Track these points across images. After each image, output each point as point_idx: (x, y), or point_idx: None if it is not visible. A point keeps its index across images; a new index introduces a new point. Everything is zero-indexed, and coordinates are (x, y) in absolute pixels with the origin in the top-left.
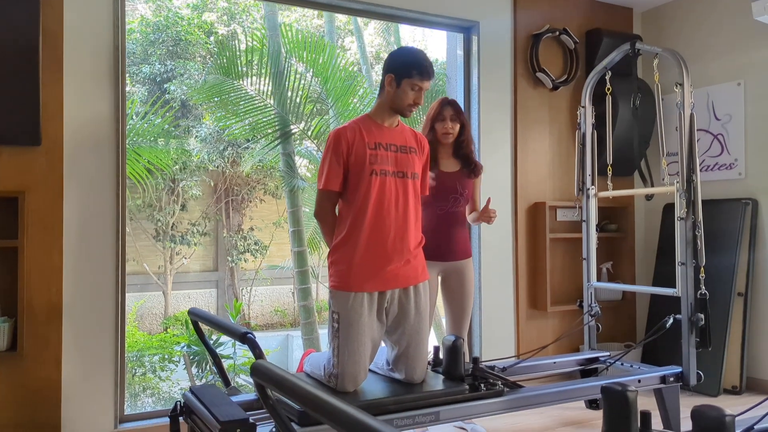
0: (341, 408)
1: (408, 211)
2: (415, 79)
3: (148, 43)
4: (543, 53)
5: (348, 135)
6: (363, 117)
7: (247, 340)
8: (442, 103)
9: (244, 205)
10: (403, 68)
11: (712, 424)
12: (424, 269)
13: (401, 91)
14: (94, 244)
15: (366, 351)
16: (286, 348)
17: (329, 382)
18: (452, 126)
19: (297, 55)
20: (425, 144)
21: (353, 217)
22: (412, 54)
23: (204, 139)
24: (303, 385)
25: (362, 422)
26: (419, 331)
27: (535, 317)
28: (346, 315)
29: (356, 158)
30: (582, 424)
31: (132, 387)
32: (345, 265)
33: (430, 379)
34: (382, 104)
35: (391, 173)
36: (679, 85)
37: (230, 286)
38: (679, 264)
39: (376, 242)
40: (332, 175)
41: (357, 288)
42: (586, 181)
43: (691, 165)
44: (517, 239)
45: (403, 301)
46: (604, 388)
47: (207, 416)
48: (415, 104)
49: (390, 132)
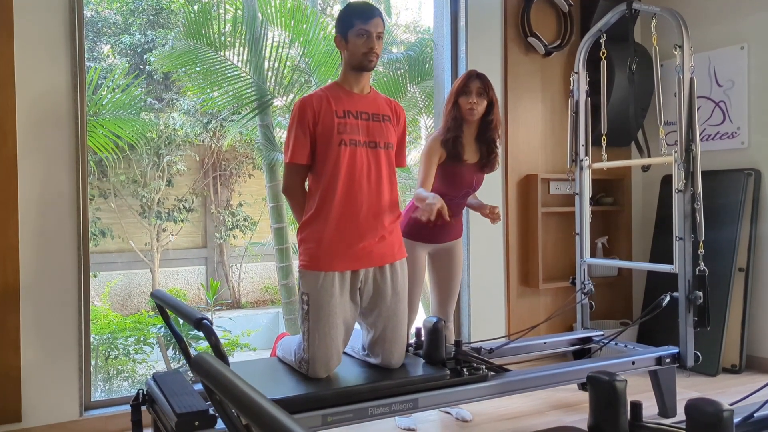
0: (275, 416)
1: (381, 183)
2: (358, 25)
3: (128, 12)
4: (535, 17)
5: (314, 103)
6: (331, 84)
7: (202, 326)
8: (468, 75)
9: (233, 180)
10: (343, 23)
11: (709, 420)
12: (401, 246)
13: (351, 44)
14: (53, 220)
15: (338, 334)
16: (276, 326)
17: (300, 368)
18: (478, 101)
19: (275, 22)
20: (401, 112)
21: (322, 191)
22: (351, 5)
23: (187, 112)
24: (238, 385)
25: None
26: (396, 313)
27: (527, 295)
28: (316, 296)
29: (323, 128)
30: (573, 407)
31: (106, 370)
32: (314, 242)
33: (409, 364)
34: (344, 69)
35: (362, 143)
36: (678, 48)
37: (220, 263)
38: (677, 239)
39: (347, 218)
40: (298, 147)
41: (327, 267)
42: (579, 152)
43: (690, 133)
44: (508, 214)
45: (378, 281)
46: (590, 376)
47: (165, 406)
48: (370, 51)
49: (361, 99)
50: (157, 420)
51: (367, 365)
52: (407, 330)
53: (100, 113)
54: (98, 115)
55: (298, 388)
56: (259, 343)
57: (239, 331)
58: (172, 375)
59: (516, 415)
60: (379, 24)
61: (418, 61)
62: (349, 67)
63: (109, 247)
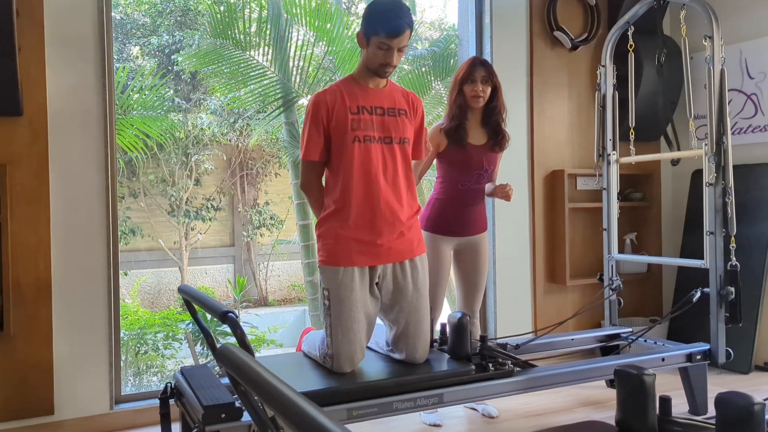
0: (298, 404)
1: (398, 179)
2: (381, 37)
3: (156, 13)
4: (561, 10)
5: (327, 100)
6: (346, 78)
7: (228, 319)
8: (472, 63)
9: (259, 179)
10: (371, 24)
11: (739, 414)
12: (420, 242)
13: (371, 50)
14: (84, 218)
15: (361, 328)
16: (303, 323)
17: (325, 363)
18: (483, 89)
19: (300, 21)
20: (418, 105)
21: (339, 188)
22: (383, 8)
23: (214, 112)
24: (262, 374)
25: (318, 422)
26: (418, 309)
27: (553, 291)
28: (337, 291)
29: (337, 124)
30: (601, 405)
31: (136, 365)
32: (332, 239)
33: (434, 359)
34: (361, 65)
35: (376, 139)
36: (708, 38)
37: (247, 261)
38: (708, 233)
39: (364, 214)
40: (312, 145)
41: (345, 262)
42: (606, 147)
43: (721, 126)
44: (534, 210)
45: (398, 277)
46: (617, 371)
47: (193, 399)
48: (387, 65)
49: (376, 94)
50: (184, 413)
51: (391, 360)
52: (432, 326)
53: (129, 113)
54: (126, 114)
55: (323, 381)
56: (286, 340)
57: (266, 327)
58: (200, 369)
59: (543, 411)
60: (404, 39)
61: (443, 58)
62: (365, 66)
63: (139, 246)
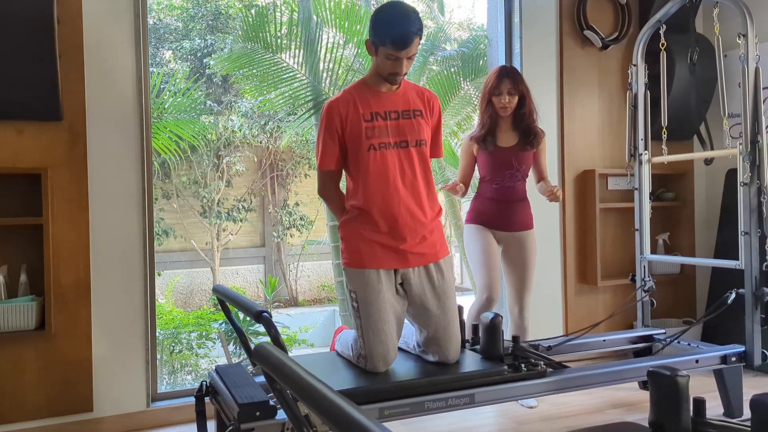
0: (335, 402)
1: (417, 182)
2: (389, 49)
3: (188, 18)
4: (591, 9)
5: (341, 109)
6: (359, 83)
7: (263, 319)
8: (499, 74)
9: (289, 180)
10: (378, 34)
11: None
12: (443, 244)
13: (379, 59)
14: (121, 219)
15: (391, 328)
16: (333, 323)
17: (359, 363)
18: (509, 100)
19: (330, 22)
20: (434, 102)
21: (359, 194)
22: (389, 16)
23: (245, 114)
24: (298, 372)
25: (355, 420)
26: (446, 311)
27: (585, 292)
28: (364, 293)
29: (351, 133)
30: (634, 407)
31: (170, 364)
32: (356, 241)
33: (466, 359)
34: (373, 70)
35: (392, 145)
36: (742, 36)
37: (277, 261)
38: (743, 234)
39: (386, 220)
40: (327, 154)
41: (371, 264)
42: (638, 146)
43: (756, 125)
44: (565, 210)
45: (423, 282)
46: (650, 372)
47: (228, 397)
48: (396, 74)
49: (389, 97)
50: (219, 411)
51: (422, 360)
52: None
53: (162, 116)
54: (161, 117)
55: (355, 380)
56: (317, 340)
57: (297, 327)
58: (234, 368)
59: (575, 413)
60: (412, 48)
61: (472, 58)
62: (376, 72)
63: (172, 247)
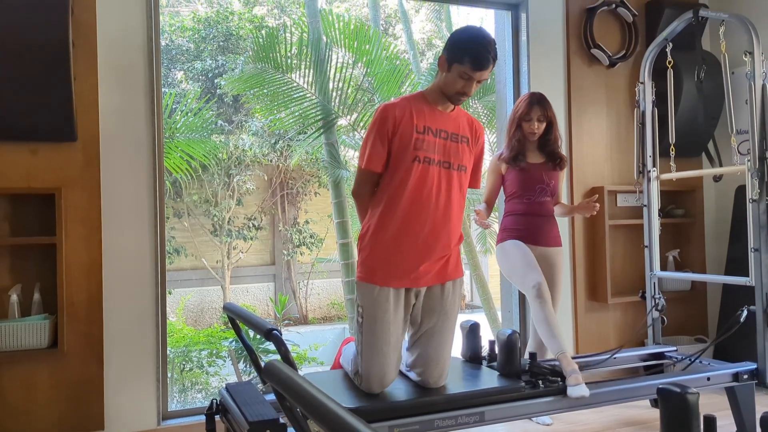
0: (345, 419)
1: (451, 206)
2: (466, 67)
3: (200, 39)
4: (598, 28)
5: (396, 113)
6: (417, 95)
7: (272, 336)
8: (530, 102)
9: (299, 199)
10: (456, 52)
11: None
12: (458, 266)
13: (450, 76)
14: (132, 238)
15: (392, 350)
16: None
17: (354, 380)
18: (539, 126)
19: (339, 43)
20: (480, 133)
21: (387, 203)
22: (471, 37)
23: (255, 133)
24: (308, 390)
25: None
26: (442, 332)
27: (595, 309)
28: (371, 309)
29: (401, 139)
30: (645, 425)
31: (181, 382)
32: (372, 256)
33: (483, 376)
34: (436, 85)
35: (436, 162)
36: (749, 54)
37: (287, 279)
38: (752, 250)
39: (408, 236)
40: (374, 155)
41: (382, 282)
42: (646, 163)
43: (763, 141)
44: (574, 227)
45: (429, 299)
46: (660, 389)
47: (238, 415)
48: (463, 94)
49: (442, 116)
50: (230, 428)
51: None
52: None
53: (174, 136)
54: (173, 137)
55: (365, 398)
56: (327, 358)
57: (307, 345)
58: (244, 386)
59: (586, 431)
60: (487, 72)
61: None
62: (439, 89)
63: (183, 265)
